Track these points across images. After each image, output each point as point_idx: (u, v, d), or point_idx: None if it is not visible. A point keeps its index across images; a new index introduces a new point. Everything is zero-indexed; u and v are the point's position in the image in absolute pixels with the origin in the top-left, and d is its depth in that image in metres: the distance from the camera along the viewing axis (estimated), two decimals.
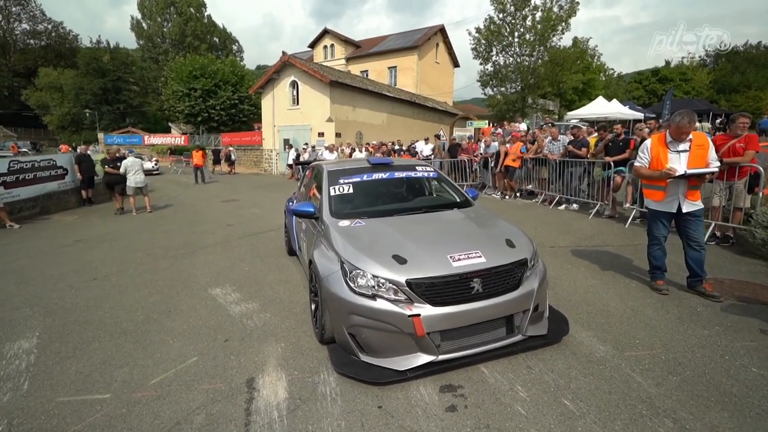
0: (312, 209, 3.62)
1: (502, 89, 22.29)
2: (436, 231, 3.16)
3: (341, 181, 3.86)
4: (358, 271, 2.67)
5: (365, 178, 3.95)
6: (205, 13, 47.17)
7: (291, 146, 18.86)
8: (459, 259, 2.66)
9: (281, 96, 20.81)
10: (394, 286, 2.57)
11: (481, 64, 22.57)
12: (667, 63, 42.50)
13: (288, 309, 3.87)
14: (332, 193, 3.73)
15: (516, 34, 21.35)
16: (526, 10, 20.89)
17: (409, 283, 2.54)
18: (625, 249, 5.41)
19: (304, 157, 17.47)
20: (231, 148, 23.26)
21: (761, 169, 5.01)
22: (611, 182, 7.19)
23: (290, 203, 5.47)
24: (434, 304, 2.53)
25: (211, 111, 30.03)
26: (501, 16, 21.42)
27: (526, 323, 2.77)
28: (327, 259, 2.98)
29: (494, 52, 22.19)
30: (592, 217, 7.40)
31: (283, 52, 19.75)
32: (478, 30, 22.24)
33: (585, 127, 9.80)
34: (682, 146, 3.62)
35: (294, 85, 20.35)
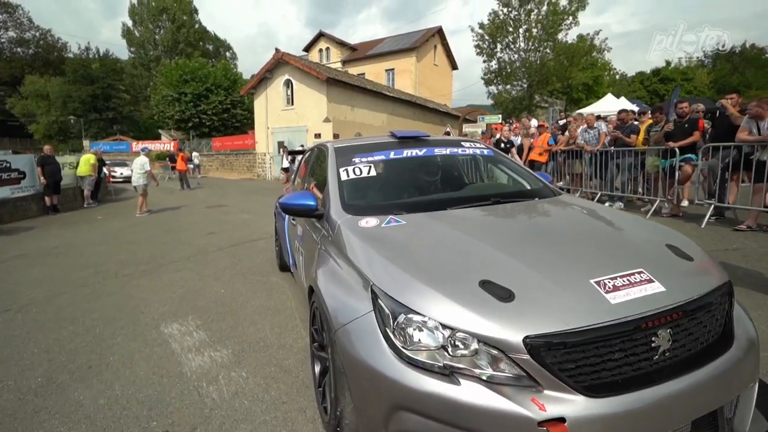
0: (311, 202, 2.25)
1: (508, 87, 21.13)
2: (540, 234, 1.78)
3: (356, 159, 2.51)
4: (412, 315, 1.30)
5: (393, 155, 2.60)
6: (197, 18, 46.12)
7: (285, 149, 17.52)
8: (615, 289, 1.30)
9: (275, 96, 19.52)
10: (498, 351, 1.20)
11: (484, 61, 21.50)
12: (668, 63, 41.80)
13: (276, 362, 2.48)
14: (343, 177, 2.37)
15: (521, 29, 20.27)
16: (531, 4, 19.85)
17: (531, 344, 1.17)
18: (736, 256, 4.07)
19: (298, 158, 16.20)
20: (195, 153, 22.16)
21: None
22: (675, 173, 5.88)
23: (280, 197, 4.11)
24: (591, 390, 1.16)
25: (202, 116, 28.70)
26: (506, 10, 20.36)
27: (746, 414, 1.39)
28: (343, 288, 1.62)
29: (498, 49, 21.09)
30: (651, 216, 6.07)
31: (277, 49, 18.51)
32: (481, 26, 21.17)
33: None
34: None
35: (288, 84, 19.09)
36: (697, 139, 5.74)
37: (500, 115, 17.77)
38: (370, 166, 2.46)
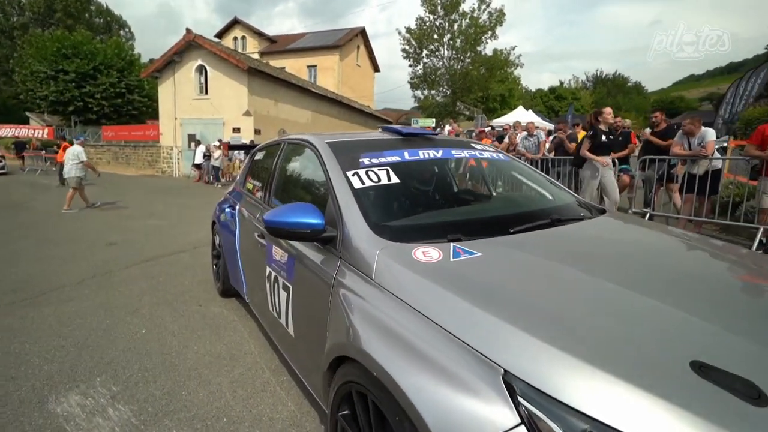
0: (315, 219, 1.54)
1: (433, 92, 21.69)
2: (671, 273, 1.32)
3: (365, 161, 1.86)
4: None
5: (408, 156, 2.00)
6: None
7: (199, 143, 15.48)
8: None
9: (185, 83, 17.19)
10: None
11: (410, 65, 21.72)
12: (561, 83, 47.53)
13: None
14: (356, 184, 1.71)
15: (446, 37, 20.95)
16: (456, 14, 20.61)
17: None
18: None
19: (214, 156, 14.44)
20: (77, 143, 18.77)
21: None
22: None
23: (224, 209, 3.21)
24: None
25: (88, 100, 24.27)
26: (432, 17, 20.85)
27: None
28: (432, 373, 0.96)
29: (424, 54, 21.53)
30: None
31: (188, 30, 16.30)
32: (408, 30, 21.39)
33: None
34: None
35: (201, 70, 16.97)
36: (632, 151, 6.15)
37: (434, 120, 18.06)
38: (387, 170, 1.84)
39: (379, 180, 1.77)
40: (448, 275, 1.20)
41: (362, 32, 33.65)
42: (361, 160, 1.88)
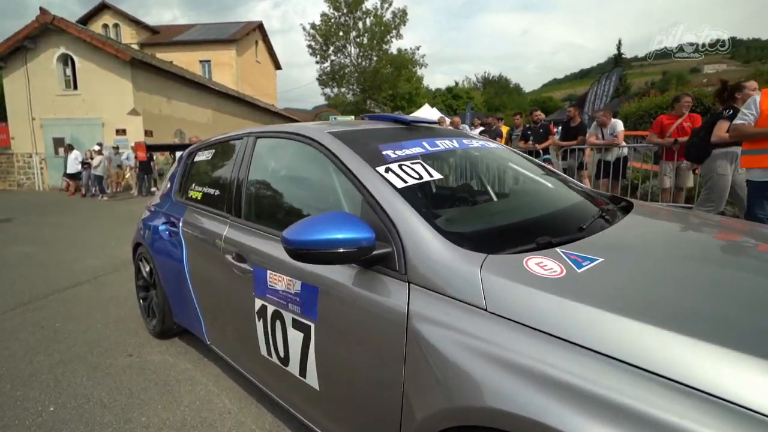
0: (363, 233, 1.13)
1: (343, 89, 21.41)
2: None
3: (389, 153, 1.48)
4: None
5: (430, 148, 1.66)
6: None
7: (71, 148, 12.78)
8: None
9: (44, 75, 14.06)
10: None
11: (317, 62, 21.13)
12: (456, 84, 51.25)
13: None
14: (396, 183, 1.32)
15: (352, 34, 20.82)
16: (359, 12, 20.58)
17: None
18: None
19: (94, 163, 12.09)
20: None
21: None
22: None
23: (158, 228, 2.48)
24: None
25: None
26: (337, 14, 20.51)
27: None
28: None
29: (331, 51, 21.11)
30: None
31: (43, 10, 13.29)
32: (313, 26, 20.73)
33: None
34: None
35: (67, 60, 14.10)
36: (552, 142, 6.66)
37: (353, 117, 17.72)
38: (421, 164, 1.48)
39: (421, 177, 1.41)
40: (593, 292, 0.92)
41: (260, 27, 31.61)
42: (384, 153, 1.49)
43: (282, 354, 1.52)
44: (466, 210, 1.48)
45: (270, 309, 1.54)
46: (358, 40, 20.79)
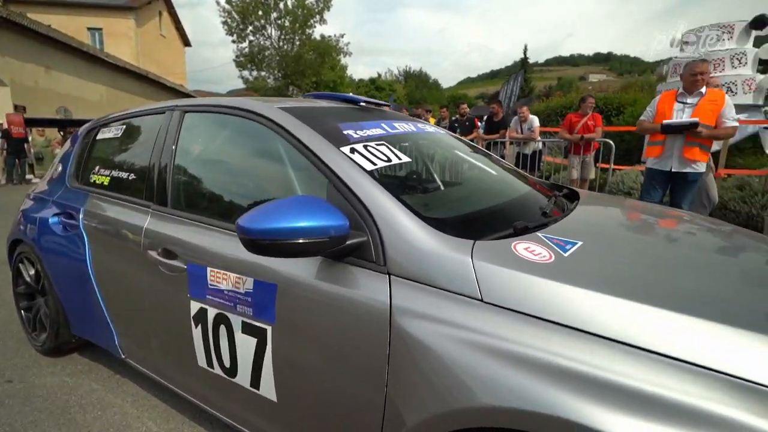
0: (336, 221, 0.98)
1: (264, 73, 20.17)
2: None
3: (351, 133, 1.34)
4: None
5: (390, 130, 1.55)
6: None
7: None
8: None
9: None
10: None
11: (234, 41, 19.61)
12: (379, 75, 51.69)
13: None
14: (365, 165, 1.19)
15: (273, 15, 19.65)
16: None
17: None
18: None
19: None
20: None
21: (611, 143, 5.71)
22: None
23: (47, 220, 2.00)
24: None
25: None
26: None
27: None
28: None
29: (249, 30, 19.72)
30: None
31: None
32: (229, 1, 19.12)
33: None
34: (691, 99, 3.32)
35: None
36: (477, 135, 6.99)
37: None
38: (386, 146, 1.36)
39: (389, 159, 1.29)
40: (587, 275, 0.90)
41: None
42: (345, 132, 1.35)
43: (228, 364, 1.30)
44: (440, 195, 1.41)
45: (211, 312, 1.31)
46: (279, 21, 19.64)
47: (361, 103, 1.77)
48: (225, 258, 1.27)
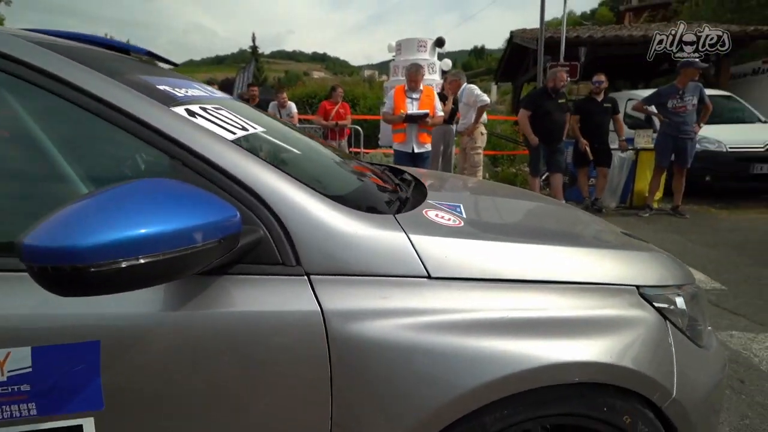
0: (228, 212, 0.64)
1: None
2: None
3: (171, 90, 0.91)
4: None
5: (210, 93, 1.14)
6: None
7: None
8: None
9: None
10: None
11: None
12: None
13: None
14: (225, 135, 0.82)
15: None
16: None
17: None
18: None
19: None
20: None
21: (360, 129, 6.44)
22: None
23: None
24: None
25: None
26: None
27: None
28: None
29: None
30: None
31: None
32: None
33: None
34: (415, 95, 4.17)
35: None
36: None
37: None
38: (227, 112, 1.00)
39: (245, 128, 0.95)
40: (494, 231, 0.97)
41: None
42: (162, 87, 0.90)
43: None
44: (319, 170, 1.16)
45: None
46: None
47: (137, 53, 1.25)
48: None
